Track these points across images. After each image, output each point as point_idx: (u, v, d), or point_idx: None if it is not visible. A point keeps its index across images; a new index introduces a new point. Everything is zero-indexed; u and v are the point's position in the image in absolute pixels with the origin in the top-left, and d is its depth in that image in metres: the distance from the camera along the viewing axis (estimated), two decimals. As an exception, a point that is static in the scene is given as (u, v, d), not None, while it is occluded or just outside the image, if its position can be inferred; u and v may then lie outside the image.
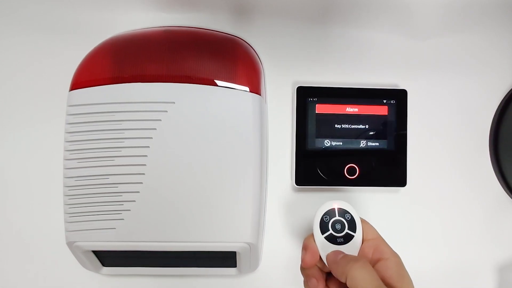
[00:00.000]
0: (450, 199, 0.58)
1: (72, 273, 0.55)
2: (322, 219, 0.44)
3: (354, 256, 0.42)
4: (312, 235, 0.44)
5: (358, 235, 0.44)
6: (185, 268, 0.54)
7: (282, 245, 0.56)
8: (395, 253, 0.43)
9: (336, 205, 0.45)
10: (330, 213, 0.44)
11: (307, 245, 0.44)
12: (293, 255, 0.56)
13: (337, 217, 0.44)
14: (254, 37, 0.56)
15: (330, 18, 0.56)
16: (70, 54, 0.52)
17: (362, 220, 0.45)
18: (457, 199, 0.58)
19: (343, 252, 0.43)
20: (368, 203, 0.57)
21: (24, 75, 0.56)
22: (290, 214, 0.56)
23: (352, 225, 0.44)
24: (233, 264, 0.53)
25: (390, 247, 0.44)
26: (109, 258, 0.53)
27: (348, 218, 0.44)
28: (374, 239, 0.44)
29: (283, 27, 0.56)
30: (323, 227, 0.44)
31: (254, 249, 0.49)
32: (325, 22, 0.56)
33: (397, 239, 0.57)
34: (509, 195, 0.58)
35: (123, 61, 0.50)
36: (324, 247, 0.43)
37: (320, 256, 0.43)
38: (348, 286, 0.39)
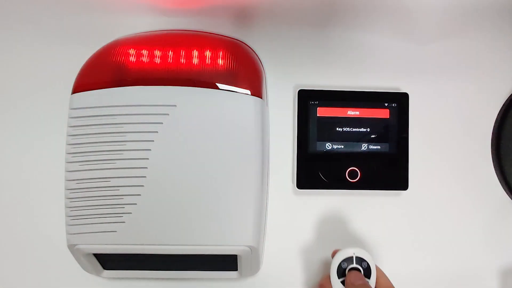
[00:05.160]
0: (452, 203, 0.57)
1: (73, 276, 0.55)
2: (340, 264, 0.47)
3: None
4: (329, 276, 0.47)
5: (372, 282, 0.46)
6: (186, 271, 0.54)
7: (283, 248, 0.56)
8: None
9: (354, 253, 0.47)
10: (348, 260, 0.47)
11: (323, 285, 0.47)
12: (294, 258, 0.56)
13: (354, 265, 0.47)
14: (256, 40, 0.56)
15: (332, 22, 0.56)
16: (72, 57, 0.52)
17: (377, 269, 0.47)
18: (459, 203, 0.57)
19: (364, 278, 0.45)
20: (369, 207, 0.57)
21: (26, 78, 0.56)
22: (291, 217, 0.56)
23: (368, 272, 0.47)
24: (234, 268, 0.53)
25: None
26: (110, 261, 0.53)
27: (364, 266, 0.47)
28: None
29: (285, 30, 0.56)
30: (340, 272, 0.47)
31: (255, 252, 0.49)
32: (327, 25, 0.56)
33: (398, 243, 0.57)
34: (511, 199, 0.58)
35: (125, 64, 0.51)
36: None
37: None
38: None
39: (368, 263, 0.47)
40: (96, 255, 0.51)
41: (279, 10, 0.55)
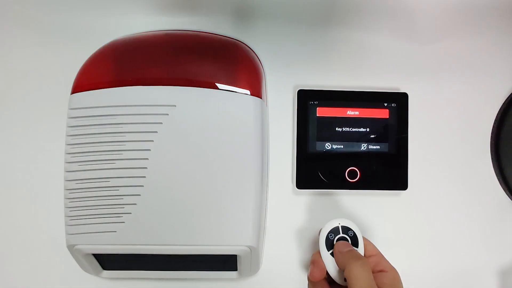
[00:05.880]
0: (452, 202, 0.58)
1: (72, 276, 0.55)
2: (327, 236, 0.47)
3: (358, 254, 0.45)
4: (319, 251, 0.47)
5: (360, 250, 0.47)
6: (186, 271, 0.54)
7: (283, 248, 0.56)
8: (395, 268, 0.46)
9: (339, 223, 0.48)
10: (334, 231, 0.47)
11: (315, 261, 0.47)
12: (294, 258, 0.56)
13: (341, 234, 0.47)
14: (255, 40, 0.56)
15: (331, 22, 0.56)
16: (71, 58, 0.52)
17: (363, 238, 0.48)
18: (458, 203, 0.58)
19: (351, 246, 0.46)
20: (369, 207, 0.57)
21: (26, 78, 0.56)
22: (291, 217, 0.56)
23: (355, 240, 0.47)
24: (234, 268, 0.53)
25: (389, 263, 0.46)
26: (109, 262, 0.53)
27: (351, 234, 0.47)
28: (375, 255, 0.47)
29: (284, 30, 0.56)
30: (329, 244, 0.47)
31: (254, 252, 0.49)
32: (326, 25, 0.56)
33: (398, 242, 0.57)
34: (511, 198, 0.58)
35: (124, 64, 0.51)
36: (330, 263, 0.46)
37: (327, 271, 0.46)
38: (344, 276, 0.43)
39: (354, 232, 0.47)
40: (95, 255, 0.50)
41: (279, 10, 0.55)
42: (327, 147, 0.55)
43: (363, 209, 0.57)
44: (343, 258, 0.44)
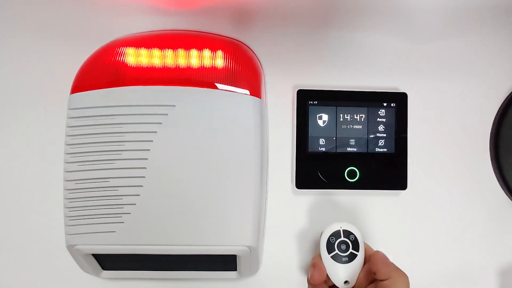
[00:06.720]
0: (451, 202, 0.58)
1: (72, 276, 0.55)
2: (328, 240, 0.48)
3: (399, 268, 0.45)
4: (319, 254, 0.47)
5: (361, 254, 0.47)
6: (185, 271, 0.54)
7: (283, 248, 0.56)
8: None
9: (341, 226, 0.48)
10: (336, 234, 0.48)
11: (316, 264, 0.47)
12: (293, 258, 0.56)
13: (342, 238, 0.48)
14: (255, 40, 0.56)
15: (330, 22, 0.56)
16: (71, 58, 0.52)
17: (364, 243, 0.48)
18: (458, 202, 0.58)
19: (390, 260, 0.46)
20: (368, 206, 0.57)
21: (25, 78, 0.56)
22: (290, 217, 0.56)
23: (356, 245, 0.47)
24: (234, 268, 0.53)
25: None
26: (109, 262, 0.53)
27: (352, 239, 0.48)
28: None
29: (284, 30, 0.56)
30: (330, 248, 0.47)
31: (254, 252, 0.49)
32: (325, 25, 0.56)
33: (397, 242, 0.57)
34: (510, 198, 0.58)
35: (123, 64, 0.51)
36: (330, 266, 0.47)
37: (327, 274, 0.47)
38: (383, 284, 0.43)
39: (355, 236, 0.47)
40: (95, 255, 0.51)
41: (278, 10, 0.55)
42: (327, 147, 0.55)
43: (362, 209, 0.57)
44: (389, 269, 0.44)
